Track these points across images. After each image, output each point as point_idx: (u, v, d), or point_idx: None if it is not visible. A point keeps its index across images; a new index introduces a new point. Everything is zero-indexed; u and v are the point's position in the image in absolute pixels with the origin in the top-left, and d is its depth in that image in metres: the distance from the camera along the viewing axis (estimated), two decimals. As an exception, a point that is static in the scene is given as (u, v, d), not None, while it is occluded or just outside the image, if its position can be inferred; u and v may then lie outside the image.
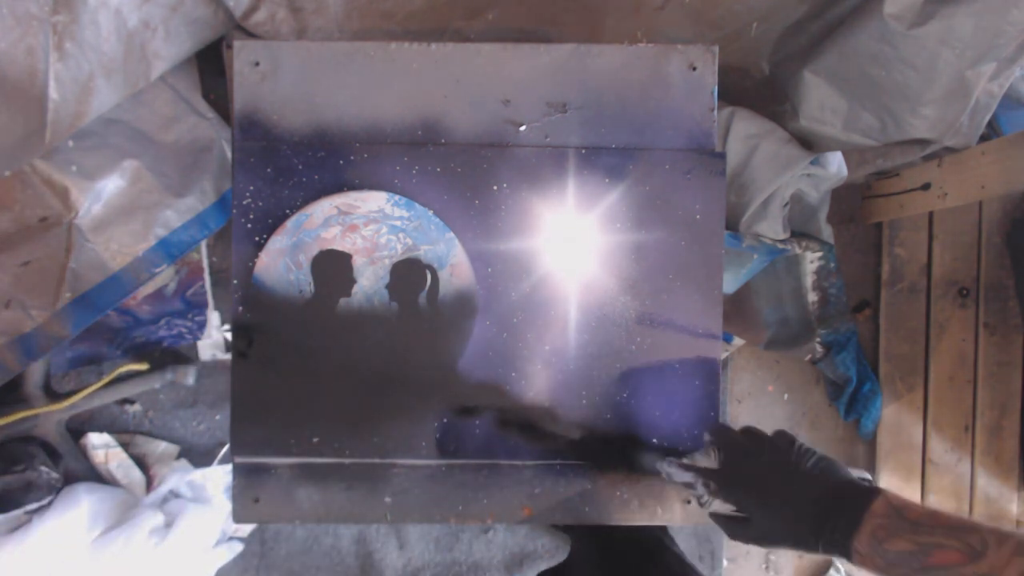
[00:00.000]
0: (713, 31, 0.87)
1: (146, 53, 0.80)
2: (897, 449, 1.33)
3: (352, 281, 0.63)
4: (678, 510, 0.66)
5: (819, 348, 1.27)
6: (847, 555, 0.49)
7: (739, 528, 0.55)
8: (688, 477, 0.57)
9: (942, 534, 0.46)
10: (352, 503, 0.64)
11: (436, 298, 0.63)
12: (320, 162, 0.63)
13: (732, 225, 1.04)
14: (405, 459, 0.64)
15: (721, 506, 0.55)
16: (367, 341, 0.63)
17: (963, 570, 0.44)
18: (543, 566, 1.34)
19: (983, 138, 0.99)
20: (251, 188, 0.63)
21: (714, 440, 0.58)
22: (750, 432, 0.57)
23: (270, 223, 0.63)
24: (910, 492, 1.31)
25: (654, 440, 0.65)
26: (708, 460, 0.57)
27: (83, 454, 1.23)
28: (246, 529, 1.31)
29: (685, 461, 0.58)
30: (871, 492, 0.50)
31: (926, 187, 1.11)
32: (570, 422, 0.64)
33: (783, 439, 0.55)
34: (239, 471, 0.63)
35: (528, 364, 0.64)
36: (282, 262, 0.63)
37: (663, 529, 0.93)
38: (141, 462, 1.27)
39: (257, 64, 0.64)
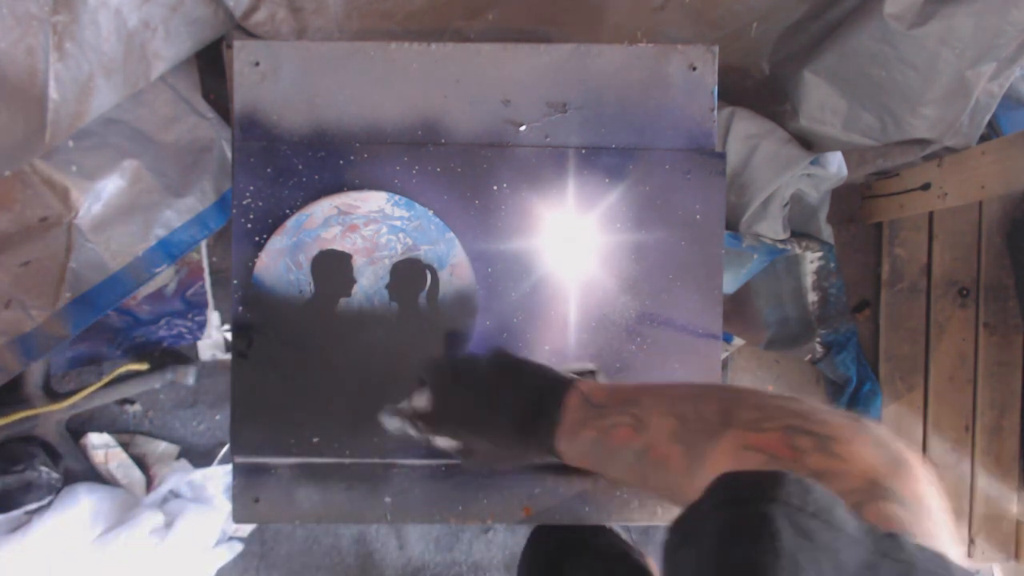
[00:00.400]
0: (713, 31, 0.87)
1: (146, 53, 0.80)
2: (897, 449, 1.33)
3: (352, 281, 0.63)
4: (678, 509, 0.66)
5: (819, 348, 1.27)
6: (558, 456, 0.44)
7: (467, 458, 0.52)
8: (396, 424, 0.55)
9: (617, 412, 0.41)
10: (352, 503, 0.64)
11: (436, 298, 0.63)
12: (320, 162, 0.63)
13: (732, 225, 1.04)
14: (405, 459, 0.64)
15: (445, 441, 0.52)
16: (367, 341, 0.63)
17: (633, 445, 0.39)
18: (543, 566, 1.34)
19: (983, 138, 0.99)
20: (251, 188, 0.63)
21: (425, 378, 0.54)
22: (463, 360, 0.54)
23: (270, 223, 0.63)
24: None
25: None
26: (425, 400, 0.54)
27: (83, 454, 1.24)
28: (246, 529, 1.31)
29: (401, 406, 0.55)
30: (564, 386, 0.45)
31: (926, 187, 1.11)
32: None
33: (496, 358, 0.51)
34: (239, 471, 0.63)
35: (528, 364, 0.64)
36: (282, 262, 0.63)
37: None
38: (141, 462, 1.27)
39: (257, 64, 0.64)
